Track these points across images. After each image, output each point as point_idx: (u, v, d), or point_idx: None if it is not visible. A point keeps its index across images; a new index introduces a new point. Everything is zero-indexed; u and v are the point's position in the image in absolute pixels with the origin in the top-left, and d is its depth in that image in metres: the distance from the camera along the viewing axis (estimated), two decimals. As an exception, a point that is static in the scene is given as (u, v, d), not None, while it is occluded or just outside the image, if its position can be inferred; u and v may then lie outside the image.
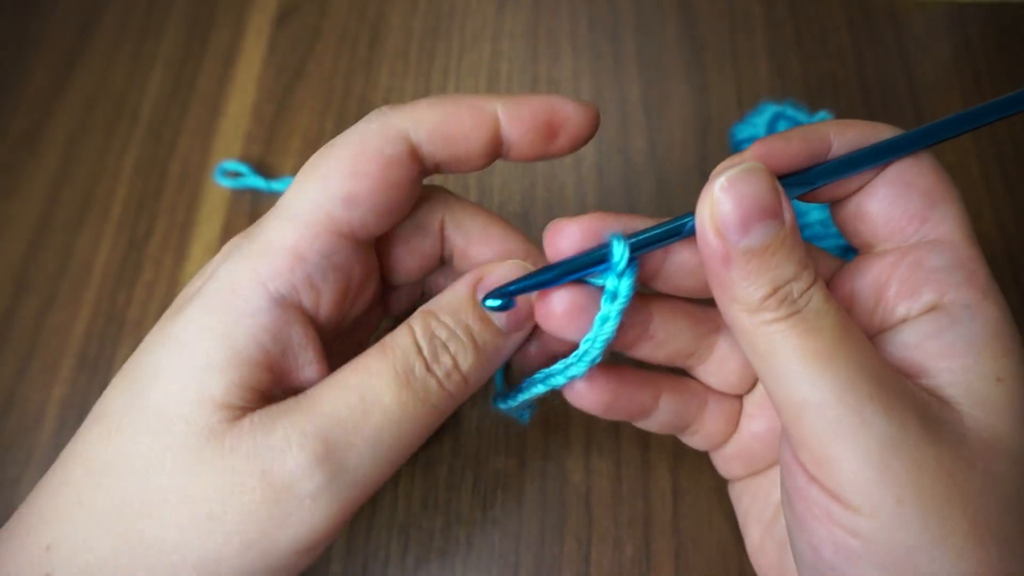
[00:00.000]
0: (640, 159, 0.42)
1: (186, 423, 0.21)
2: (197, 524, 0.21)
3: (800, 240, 0.21)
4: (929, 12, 0.46)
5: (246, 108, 0.44)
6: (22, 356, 0.38)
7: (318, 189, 0.23)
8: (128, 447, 0.21)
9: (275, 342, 0.22)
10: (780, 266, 0.21)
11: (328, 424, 0.21)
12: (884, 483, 0.19)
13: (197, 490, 0.21)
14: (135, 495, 0.21)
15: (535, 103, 0.24)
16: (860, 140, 0.23)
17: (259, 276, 0.22)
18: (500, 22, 0.47)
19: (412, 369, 0.23)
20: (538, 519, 0.33)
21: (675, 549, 0.32)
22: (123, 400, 0.22)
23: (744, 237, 0.21)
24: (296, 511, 0.21)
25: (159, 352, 0.22)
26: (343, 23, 0.47)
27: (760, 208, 0.21)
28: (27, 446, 0.36)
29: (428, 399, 0.23)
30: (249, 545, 0.21)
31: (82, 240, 0.41)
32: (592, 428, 0.35)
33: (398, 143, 0.23)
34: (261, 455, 0.21)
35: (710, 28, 0.46)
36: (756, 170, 0.21)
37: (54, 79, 0.46)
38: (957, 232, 0.23)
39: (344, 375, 0.23)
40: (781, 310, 0.21)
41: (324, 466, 0.21)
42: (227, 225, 0.41)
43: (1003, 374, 0.21)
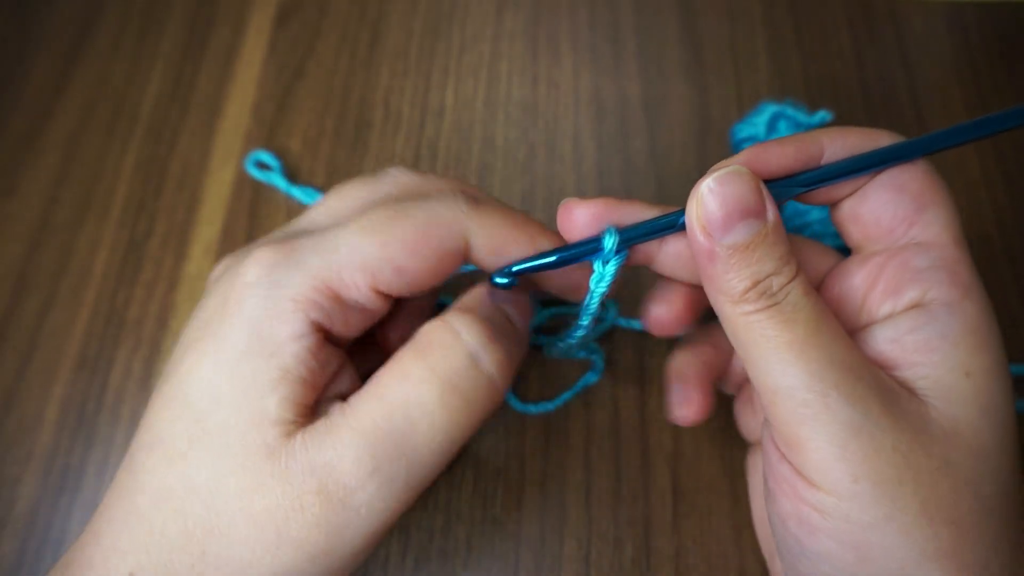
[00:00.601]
0: (640, 159, 0.42)
1: (243, 444, 0.22)
2: (265, 542, 0.22)
3: (783, 237, 0.23)
4: (929, 12, 0.46)
5: (246, 108, 0.44)
6: (22, 356, 0.38)
7: (375, 250, 0.24)
8: (191, 473, 0.23)
9: (316, 362, 0.24)
10: (760, 261, 0.22)
11: (375, 439, 0.22)
12: (842, 462, 0.21)
13: (262, 510, 0.22)
14: (204, 518, 0.22)
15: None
16: (857, 147, 0.24)
17: (301, 306, 0.24)
18: (500, 22, 0.47)
19: (457, 370, 0.23)
20: (538, 519, 0.33)
21: (675, 549, 0.32)
22: (181, 426, 0.23)
23: (727, 234, 0.22)
24: (353, 521, 0.22)
25: (208, 379, 0.23)
26: (343, 23, 0.47)
27: (742, 207, 0.22)
28: (27, 446, 0.36)
29: (476, 398, 0.24)
30: (314, 557, 0.22)
31: (82, 240, 0.41)
32: (592, 428, 0.35)
33: (459, 241, 0.25)
34: (316, 472, 0.22)
35: (710, 28, 0.46)
36: (740, 173, 0.23)
37: (54, 79, 0.46)
38: (944, 234, 0.24)
39: (383, 384, 0.24)
40: (760, 302, 0.22)
41: (375, 478, 0.22)
42: (227, 225, 0.41)
43: (973, 369, 0.22)
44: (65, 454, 0.35)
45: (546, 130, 0.43)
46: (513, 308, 0.27)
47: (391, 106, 0.44)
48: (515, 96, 0.44)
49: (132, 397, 0.37)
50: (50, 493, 0.34)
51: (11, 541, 0.33)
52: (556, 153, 0.42)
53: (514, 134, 0.43)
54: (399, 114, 0.44)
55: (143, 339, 0.38)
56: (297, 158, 0.43)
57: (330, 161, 0.42)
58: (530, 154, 0.42)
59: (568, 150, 0.42)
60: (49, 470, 0.35)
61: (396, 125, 0.44)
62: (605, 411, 0.35)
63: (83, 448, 0.35)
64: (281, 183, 0.40)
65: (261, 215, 0.41)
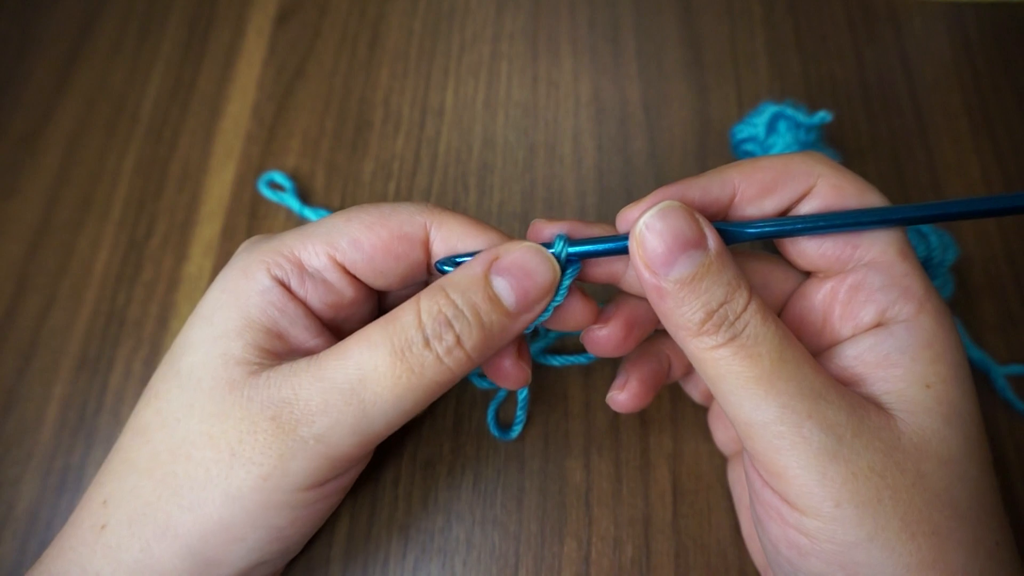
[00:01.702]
0: (640, 159, 0.42)
1: (212, 378, 0.25)
2: (221, 461, 0.24)
3: (728, 263, 0.23)
4: (929, 12, 0.46)
5: (246, 108, 0.44)
6: (22, 356, 0.38)
7: (337, 226, 0.27)
8: (163, 406, 0.25)
9: (281, 314, 0.26)
10: (709, 290, 0.23)
11: (329, 385, 0.24)
12: (823, 488, 0.22)
13: (220, 431, 0.24)
14: (170, 443, 0.25)
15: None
16: (769, 183, 0.25)
17: (265, 264, 0.27)
18: (500, 22, 0.47)
19: (410, 344, 0.24)
20: (538, 519, 0.33)
21: (675, 549, 0.32)
22: (161, 371, 0.27)
23: (671, 269, 0.23)
24: (302, 449, 0.24)
25: (188, 329, 0.27)
26: (343, 23, 0.47)
27: (682, 241, 0.23)
28: (27, 446, 0.36)
29: (424, 373, 0.25)
30: (265, 477, 0.24)
31: (82, 240, 0.41)
32: (592, 428, 0.35)
33: (416, 228, 0.27)
34: (273, 404, 0.24)
35: (710, 28, 0.46)
36: (672, 207, 0.24)
37: (54, 79, 0.46)
38: (889, 251, 0.25)
39: (347, 344, 0.25)
40: (720, 335, 0.23)
41: (324, 417, 0.24)
42: (227, 225, 0.41)
43: (932, 380, 0.23)
44: (65, 454, 0.35)
45: (546, 130, 0.43)
46: (511, 279, 0.25)
47: (391, 106, 0.44)
48: (515, 96, 0.44)
49: (132, 397, 0.37)
50: (50, 493, 0.34)
51: (11, 541, 0.33)
52: (556, 153, 0.42)
53: (514, 134, 0.43)
54: (399, 114, 0.44)
55: (143, 339, 0.38)
56: (297, 158, 0.43)
57: (330, 161, 0.42)
58: (530, 154, 0.42)
59: (568, 150, 0.42)
60: (49, 470, 0.35)
61: (396, 125, 0.44)
62: (605, 411, 0.35)
63: (83, 448, 0.35)
64: (294, 204, 0.40)
65: (261, 215, 0.41)
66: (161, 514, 0.24)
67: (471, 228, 0.27)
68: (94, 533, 0.25)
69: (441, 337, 0.25)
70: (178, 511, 0.24)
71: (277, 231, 0.40)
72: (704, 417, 0.35)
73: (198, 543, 0.24)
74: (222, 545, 0.24)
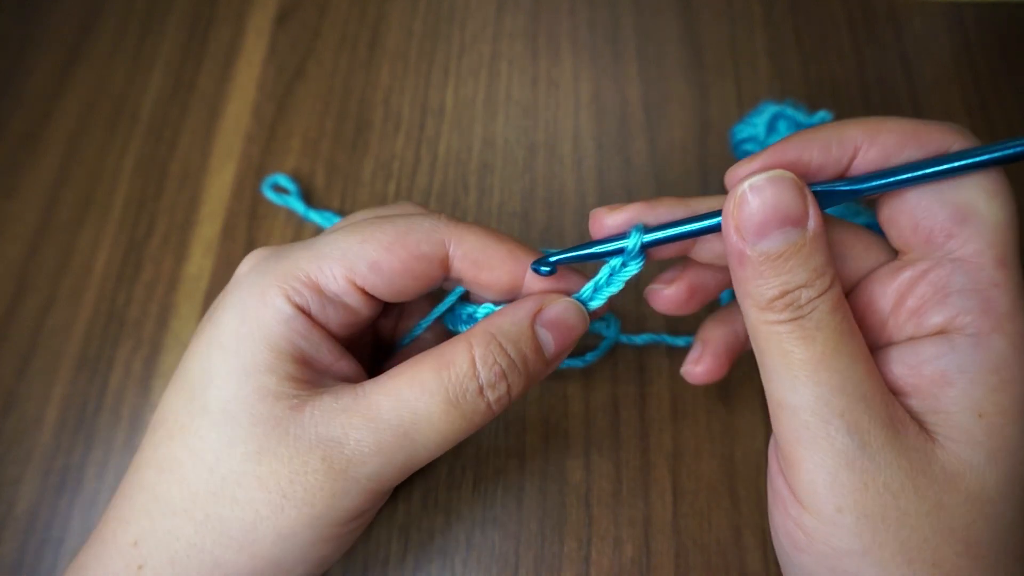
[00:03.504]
0: (640, 159, 0.42)
1: (250, 415, 0.24)
2: (271, 503, 0.23)
3: (822, 248, 0.22)
4: (929, 12, 0.46)
5: (246, 108, 0.44)
6: (22, 356, 0.38)
7: (354, 246, 0.26)
8: (195, 443, 0.24)
9: (306, 342, 0.25)
10: (792, 271, 0.22)
11: (382, 428, 0.24)
12: (830, 490, 0.21)
13: (268, 472, 0.23)
14: (208, 483, 0.24)
15: (558, 277, 0.27)
16: (894, 146, 0.23)
17: (284, 291, 0.25)
18: (500, 22, 0.47)
19: (465, 393, 0.25)
20: (538, 519, 0.33)
21: (675, 549, 0.32)
22: (181, 403, 0.25)
23: (761, 240, 0.22)
24: (353, 489, 0.24)
25: (208, 359, 0.25)
26: (343, 23, 0.47)
27: (782, 215, 0.22)
28: (27, 446, 0.36)
29: (473, 418, 0.25)
30: (317, 517, 0.24)
31: (82, 240, 0.41)
32: (592, 428, 0.35)
33: (436, 247, 0.27)
34: (323, 444, 0.24)
35: (710, 28, 0.46)
36: (785, 178, 0.22)
37: (54, 79, 0.46)
38: (987, 253, 0.22)
39: (398, 385, 0.25)
40: (785, 313, 0.22)
41: (376, 458, 0.24)
42: (227, 225, 0.41)
43: (988, 409, 0.21)
44: (65, 454, 0.35)
45: (546, 130, 0.43)
46: (554, 332, 0.27)
47: (391, 106, 0.44)
48: (515, 96, 0.44)
49: (132, 397, 0.37)
50: (50, 493, 0.34)
51: (11, 541, 0.33)
52: (556, 153, 0.42)
53: (514, 134, 0.43)
54: (399, 114, 0.44)
55: (143, 339, 0.38)
56: (297, 158, 0.43)
57: (330, 161, 0.42)
58: (530, 154, 0.42)
59: (568, 150, 0.42)
60: (49, 470, 0.35)
61: (396, 125, 0.44)
62: (605, 411, 0.35)
63: (83, 448, 0.35)
64: (299, 207, 0.40)
65: (261, 215, 0.41)
66: (207, 555, 0.23)
67: (491, 241, 0.27)
68: (130, 573, 0.24)
69: (495, 387, 0.25)
70: (226, 552, 0.23)
71: (277, 231, 0.40)
72: (704, 417, 0.35)
73: None
74: None
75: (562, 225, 0.40)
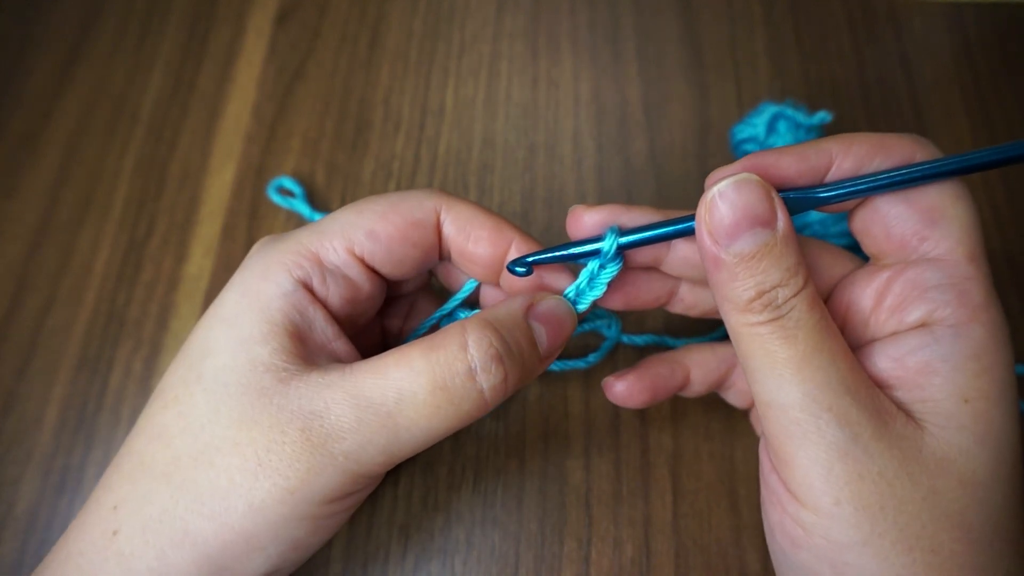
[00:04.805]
0: (640, 160, 0.42)
1: (239, 383, 0.24)
2: (246, 470, 0.23)
3: (792, 248, 0.23)
4: (929, 12, 0.46)
5: (246, 108, 0.44)
6: (22, 356, 0.38)
7: (351, 218, 0.27)
8: (185, 410, 0.25)
9: (303, 318, 0.26)
10: (767, 271, 0.22)
11: (364, 405, 0.24)
12: (826, 484, 0.22)
13: (247, 439, 0.24)
14: (192, 448, 0.24)
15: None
16: (866, 156, 0.24)
17: (285, 266, 0.26)
18: (500, 22, 0.47)
19: (453, 376, 0.24)
20: (538, 519, 0.33)
21: (675, 549, 0.32)
22: (179, 374, 0.26)
23: (733, 242, 0.22)
24: (330, 465, 0.24)
25: (207, 332, 0.26)
26: (343, 23, 0.47)
27: (751, 216, 0.22)
28: (27, 446, 0.36)
29: (461, 404, 0.24)
30: (291, 491, 0.23)
31: (82, 240, 0.41)
32: (592, 428, 0.35)
33: (428, 214, 0.28)
34: (304, 416, 0.24)
35: (710, 28, 0.46)
36: (750, 180, 0.23)
37: (54, 79, 0.46)
38: (957, 250, 0.23)
39: (385, 364, 0.25)
40: (764, 314, 0.22)
41: (355, 435, 0.24)
42: (227, 225, 0.41)
43: (972, 395, 0.22)
44: (65, 454, 0.35)
45: (546, 130, 0.43)
46: (546, 327, 0.27)
47: (391, 106, 0.44)
48: (515, 96, 0.44)
49: (132, 397, 0.37)
50: (50, 493, 0.34)
51: (11, 541, 0.33)
52: (556, 153, 0.42)
53: (514, 134, 0.43)
54: (399, 114, 0.44)
55: (143, 339, 0.38)
56: (297, 158, 0.43)
57: (330, 161, 0.42)
58: (530, 154, 0.42)
59: (568, 150, 0.42)
60: (49, 470, 0.35)
61: (396, 125, 0.44)
62: (605, 411, 0.35)
63: (83, 448, 0.35)
64: (305, 210, 0.40)
65: (261, 215, 0.41)
66: (179, 522, 0.23)
67: (479, 212, 0.28)
68: (105, 539, 0.24)
69: (490, 371, 0.25)
70: (198, 519, 0.23)
71: (277, 231, 0.40)
72: (704, 417, 0.35)
73: (216, 553, 0.23)
74: (241, 555, 0.24)
75: (562, 225, 0.40)
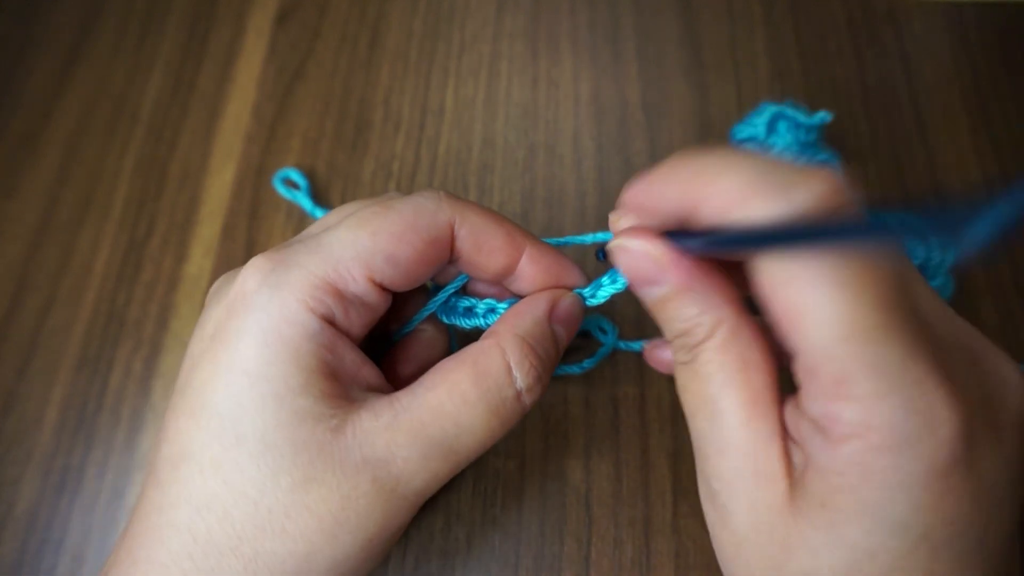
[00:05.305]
0: (640, 160, 0.42)
1: (291, 443, 0.23)
2: (323, 531, 0.23)
3: (689, 301, 0.23)
4: (929, 12, 0.46)
5: (246, 108, 0.44)
6: (22, 356, 0.38)
7: (367, 242, 0.25)
8: (234, 477, 0.23)
9: (334, 356, 0.24)
10: (670, 321, 0.24)
11: (427, 445, 0.24)
12: None
13: (318, 502, 0.23)
14: (255, 517, 0.22)
15: (551, 263, 0.28)
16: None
17: (306, 304, 0.24)
18: (500, 22, 0.47)
19: (505, 401, 0.25)
20: (538, 519, 0.33)
21: (675, 549, 0.32)
22: (209, 436, 0.23)
23: (640, 291, 0.24)
24: (404, 506, 0.24)
25: (232, 387, 0.23)
26: (343, 23, 0.47)
27: (641, 277, 0.24)
28: (27, 446, 0.36)
29: (511, 421, 0.26)
30: (371, 540, 0.24)
31: (82, 240, 0.41)
32: (592, 428, 0.35)
33: (444, 230, 0.26)
34: (371, 465, 0.23)
35: (710, 28, 0.46)
36: (629, 249, 0.24)
37: (54, 79, 0.46)
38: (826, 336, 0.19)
39: (440, 399, 0.24)
40: (679, 354, 0.24)
41: (423, 474, 0.24)
42: (227, 225, 0.41)
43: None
44: (65, 454, 0.35)
45: (546, 131, 0.43)
46: (564, 327, 0.28)
47: (391, 106, 0.44)
48: (515, 97, 0.44)
49: (132, 397, 0.37)
50: (50, 493, 0.34)
51: (11, 541, 0.33)
52: (556, 154, 0.42)
53: (514, 135, 0.43)
54: (399, 114, 0.44)
55: (143, 339, 0.38)
56: (297, 158, 0.43)
57: (330, 161, 0.42)
58: (530, 154, 0.42)
59: (568, 151, 0.42)
60: (49, 470, 0.35)
61: (396, 125, 0.44)
62: (605, 411, 0.35)
63: (83, 448, 0.35)
64: (307, 204, 0.40)
65: (261, 215, 0.41)
66: None
67: (491, 223, 0.27)
68: None
69: (532, 391, 0.26)
70: None
71: (277, 231, 0.40)
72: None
73: None
74: None
75: (562, 225, 0.40)
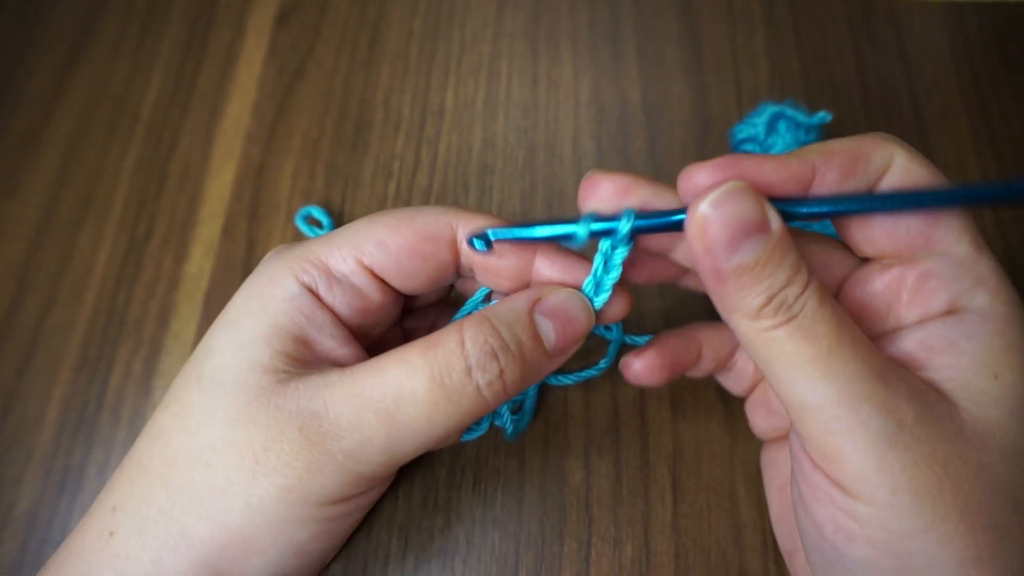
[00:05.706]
0: (640, 159, 0.42)
1: (237, 383, 0.24)
2: (243, 469, 0.23)
3: (790, 246, 0.22)
4: (929, 12, 0.46)
5: (246, 108, 0.44)
6: (22, 356, 0.38)
7: (360, 230, 0.27)
8: (183, 410, 0.25)
9: (309, 321, 0.26)
10: (772, 275, 0.22)
11: (362, 404, 0.24)
12: (880, 475, 0.21)
13: (244, 438, 0.23)
14: (188, 448, 0.24)
15: (568, 264, 0.27)
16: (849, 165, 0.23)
17: (292, 271, 0.26)
18: (500, 22, 0.47)
19: (450, 372, 0.24)
20: (538, 519, 0.33)
21: (675, 549, 0.32)
22: (183, 377, 0.26)
23: (733, 255, 0.21)
24: (329, 464, 0.24)
25: (213, 334, 0.26)
26: (343, 23, 0.47)
27: (745, 226, 0.21)
28: (27, 446, 0.36)
29: (460, 402, 0.24)
30: (289, 489, 0.23)
31: (82, 240, 0.41)
32: (592, 428, 0.35)
33: (442, 228, 0.27)
34: (302, 415, 0.24)
35: (710, 28, 0.46)
36: (735, 189, 0.22)
37: (54, 79, 0.46)
38: (963, 241, 0.23)
39: (384, 363, 0.25)
40: (778, 316, 0.22)
41: (354, 433, 0.24)
42: (227, 225, 0.41)
43: (1001, 370, 0.22)
44: (65, 454, 0.35)
45: (546, 131, 0.43)
46: (554, 322, 0.26)
47: (391, 106, 0.44)
48: (515, 97, 0.44)
49: (132, 397, 0.37)
50: (50, 493, 0.34)
51: (11, 541, 0.33)
52: (556, 153, 0.42)
53: (514, 134, 0.43)
54: (399, 114, 0.44)
55: (143, 339, 0.38)
56: (297, 158, 0.43)
57: (330, 161, 0.42)
58: (530, 154, 0.42)
59: (568, 151, 0.42)
60: (49, 470, 0.35)
61: (396, 125, 0.44)
62: (605, 411, 0.35)
63: (83, 448, 0.35)
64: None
65: (261, 215, 0.41)
66: (175, 523, 0.23)
67: (494, 221, 0.27)
68: (102, 540, 0.24)
69: (485, 368, 0.24)
70: (194, 520, 0.23)
71: (277, 231, 0.40)
72: (704, 417, 0.35)
73: (214, 555, 0.23)
74: (239, 557, 0.23)
75: (562, 225, 0.40)
